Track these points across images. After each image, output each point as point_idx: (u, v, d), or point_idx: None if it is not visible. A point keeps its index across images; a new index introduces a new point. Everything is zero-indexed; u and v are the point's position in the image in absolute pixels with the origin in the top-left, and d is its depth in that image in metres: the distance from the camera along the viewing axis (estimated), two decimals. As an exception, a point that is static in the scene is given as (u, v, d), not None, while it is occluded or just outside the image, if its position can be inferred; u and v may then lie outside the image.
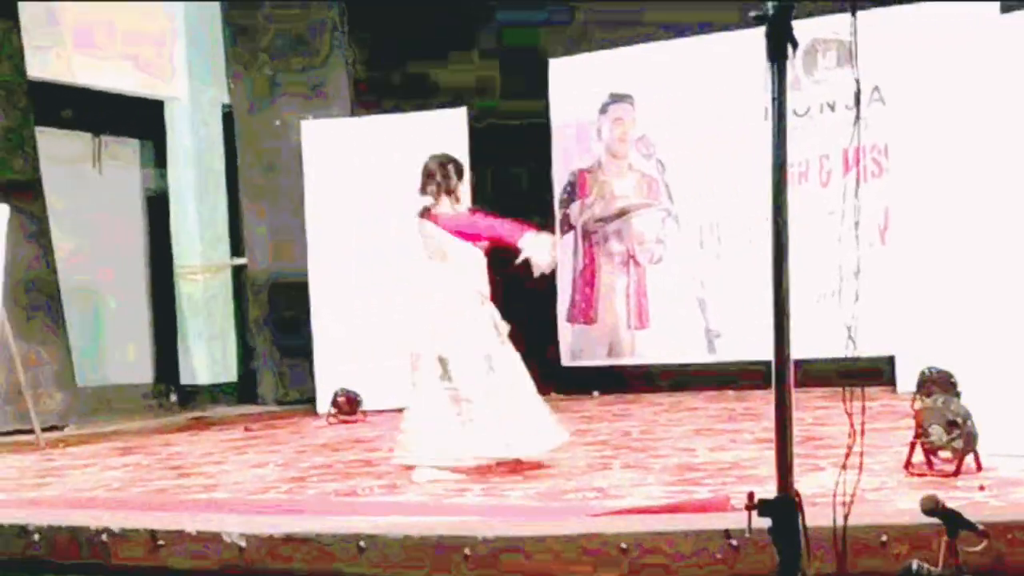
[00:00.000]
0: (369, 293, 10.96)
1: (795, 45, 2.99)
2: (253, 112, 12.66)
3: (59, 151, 12.26)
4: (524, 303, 11.53)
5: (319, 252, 11.09)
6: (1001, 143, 6.26)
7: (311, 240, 11.18)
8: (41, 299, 10.64)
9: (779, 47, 2.98)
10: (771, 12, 2.96)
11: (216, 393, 13.06)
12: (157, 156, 13.73)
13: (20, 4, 10.89)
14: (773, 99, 2.98)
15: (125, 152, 13.83)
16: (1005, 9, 8.69)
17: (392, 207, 10.97)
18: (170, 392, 13.17)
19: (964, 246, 6.30)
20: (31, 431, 9.29)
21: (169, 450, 8.73)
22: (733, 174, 10.77)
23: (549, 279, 11.87)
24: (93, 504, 6.09)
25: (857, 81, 3.18)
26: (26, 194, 10.57)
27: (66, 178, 12.31)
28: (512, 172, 11.84)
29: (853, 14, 3.27)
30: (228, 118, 13.25)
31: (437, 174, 6.84)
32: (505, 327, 6.75)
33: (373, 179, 11.11)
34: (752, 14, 2.99)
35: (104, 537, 4.96)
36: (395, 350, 10.76)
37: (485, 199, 11.15)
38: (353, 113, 12.17)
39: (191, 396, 13.01)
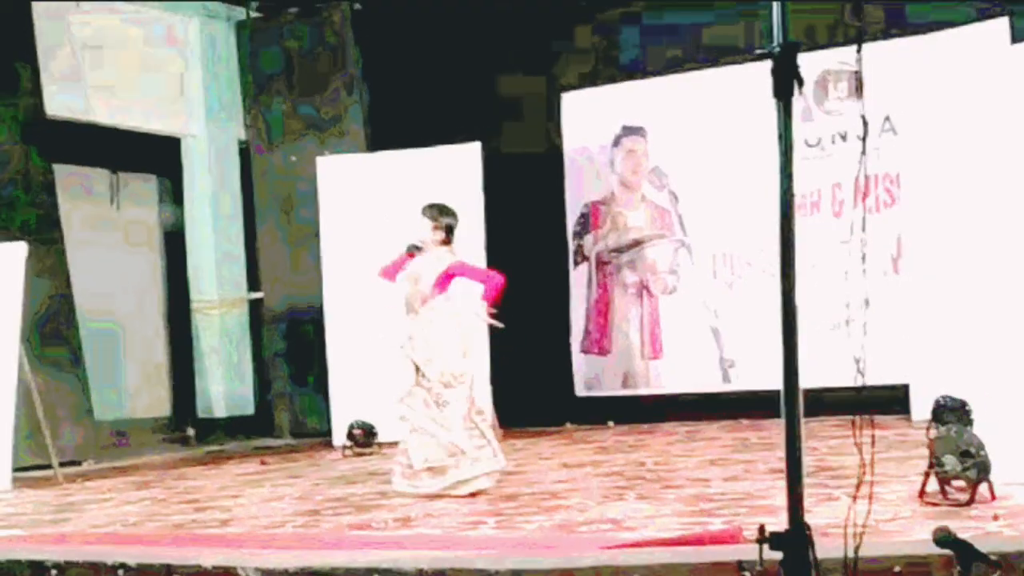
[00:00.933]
0: (384, 327, 10.98)
1: (801, 83, 3.02)
2: (269, 148, 12.74)
3: (77, 188, 12.36)
4: (538, 334, 11.63)
5: (335, 286, 11.12)
6: (1013, 171, 6.27)
7: (327, 274, 11.22)
8: (59, 334, 10.69)
9: (785, 84, 3.00)
10: (777, 50, 2.99)
11: (232, 427, 13.09)
12: (174, 192, 13.83)
13: (38, 42, 10.98)
14: (779, 135, 3.00)
15: (143, 189, 13.94)
16: (1015, 39, 8.76)
17: (407, 241, 11.03)
18: (187, 426, 13.20)
19: (977, 275, 6.31)
20: (49, 466, 9.32)
21: (186, 484, 8.75)
22: (745, 205, 10.80)
23: (563, 310, 11.94)
24: (110, 539, 6.11)
25: (864, 117, 3.20)
26: (45, 231, 10.65)
27: (84, 215, 12.41)
28: (525, 205, 11.88)
29: (859, 48, 3.30)
30: (244, 154, 13.34)
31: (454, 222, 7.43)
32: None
33: (388, 214, 11.14)
34: (757, 52, 3.02)
35: (121, 572, 4.97)
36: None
37: (499, 232, 11.26)
38: (368, 148, 12.24)
39: (208, 430, 13.04)
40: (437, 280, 7.29)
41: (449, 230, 7.46)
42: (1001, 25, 9.17)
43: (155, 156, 13.44)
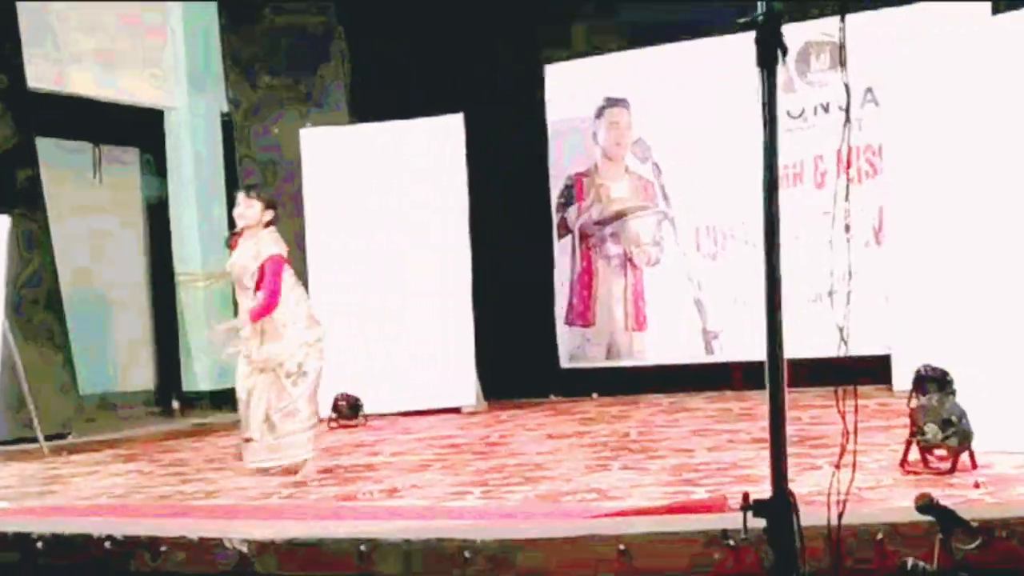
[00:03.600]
0: (369, 298, 11.00)
1: (785, 51, 3.03)
2: (252, 120, 12.70)
3: (59, 161, 12.30)
4: (522, 306, 11.66)
5: (318, 258, 11.11)
6: (994, 142, 6.30)
7: (310, 246, 11.20)
8: (43, 308, 10.67)
9: (769, 53, 3.01)
10: (760, 18, 3.00)
11: (218, 399, 13.08)
12: (157, 164, 13.79)
13: (20, 15, 10.92)
14: (763, 104, 3.02)
15: (125, 161, 13.89)
16: (996, 10, 8.77)
17: (391, 213, 11.05)
18: (172, 399, 13.21)
19: (958, 245, 6.35)
20: (35, 439, 9.33)
21: (171, 456, 8.77)
22: (728, 176, 10.81)
23: (547, 282, 11.96)
24: (96, 511, 6.13)
25: (847, 85, 3.22)
26: (27, 204, 10.60)
27: (67, 188, 12.37)
28: (509, 176, 11.89)
29: (842, 18, 3.32)
30: (227, 126, 13.30)
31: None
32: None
33: (372, 186, 11.15)
34: (740, 20, 3.03)
35: (107, 544, 4.99)
36: (394, 354, 10.91)
37: (483, 204, 11.26)
38: (351, 120, 12.21)
39: (193, 403, 13.04)
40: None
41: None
42: (982, -7, 9.19)
43: (138, 128, 13.40)
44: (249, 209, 7.07)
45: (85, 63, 12.02)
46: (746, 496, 2.99)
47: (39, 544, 5.15)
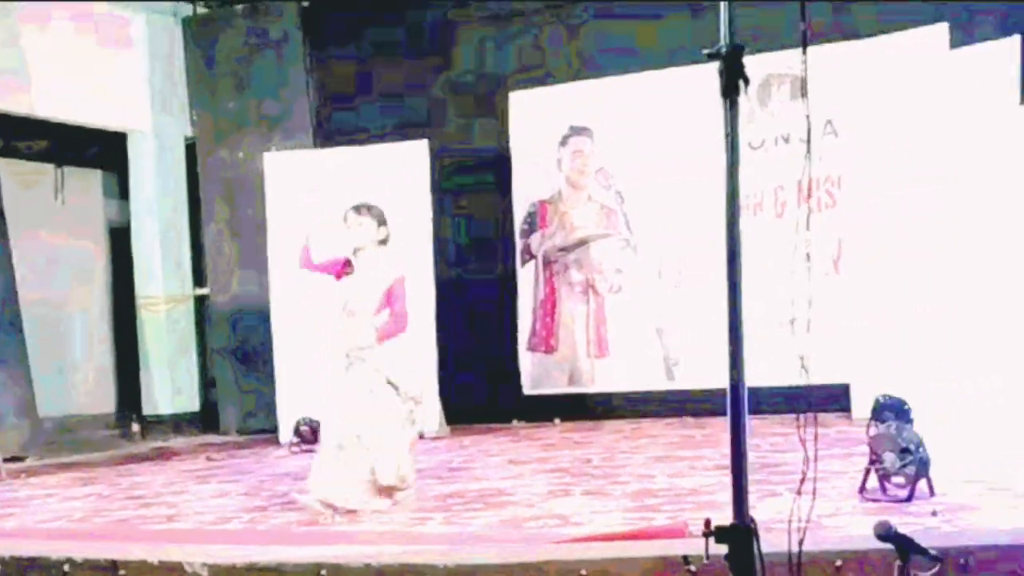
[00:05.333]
0: (331, 323, 10.96)
1: (747, 82, 3.09)
2: (216, 143, 12.70)
3: (21, 182, 12.25)
4: (485, 333, 11.67)
5: (281, 283, 11.10)
6: (951, 174, 6.40)
7: (272, 271, 11.19)
8: (3, 329, 10.61)
9: (731, 84, 3.07)
10: (724, 50, 3.06)
11: (178, 423, 13.04)
12: (120, 187, 13.75)
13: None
14: (726, 134, 3.07)
15: (88, 183, 13.84)
16: (954, 43, 8.90)
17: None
18: (132, 422, 13.14)
19: (916, 274, 6.43)
20: (-8, 461, 9.27)
21: (131, 480, 8.72)
22: (691, 205, 10.89)
23: (510, 309, 11.98)
24: (55, 534, 6.10)
25: (808, 118, 3.28)
26: (-12, 225, 10.58)
27: (29, 209, 12.31)
28: (473, 203, 11.93)
29: (804, 50, 3.38)
30: (191, 150, 13.28)
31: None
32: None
33: (335, 211, 11.12)
34: (705, 52, 3.09)
35: (66, 567, 4.98)
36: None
37: (446, 229, 11.28)
38: (315, 145, 12.24)
39: (153, 426, 12.97)
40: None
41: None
42: (940, 30, 9.31)
43: (101, 151, 13.37)
44: (360, 228, 6.75)
45: (48, 85, 11.98)
46: (708, 522, 3.02)
47: (-3, 567, 5.13)
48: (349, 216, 6.79)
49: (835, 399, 9.43)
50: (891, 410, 5.79)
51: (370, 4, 12.50)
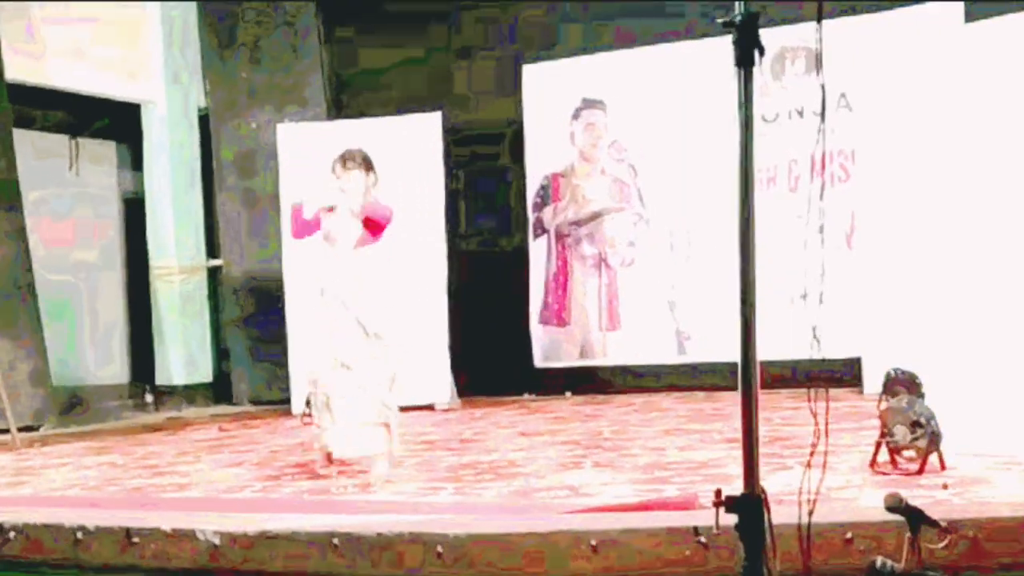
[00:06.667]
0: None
1: (762, 52, 3.08)
2: (229, 115, 12.70)
3: (36, 152, 12.28)
4: (497, 305, 11.69)
5: (294, 254, 11.10)
6: (965, 148, 6.37)
7: (286, 242, 11.19)
8: (17, 299, 10.66)
9: (746, 54, 3.06)
10: (739, 19, 3.05)
11: (191, 393, 13.11)
12: (134, 158, 13.77)
13: (-2, 9, 10.93)
14: (740, 105, 3.06)
15: (102, 154, 13.86)
16: (969, 15, 8.85)
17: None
18: (145, 392, 13.19)
19: (929, 249, 6.41)
20: (6, 430, 9.30)
21: (144, 450, 8.76)
22: (704, 178, 10.88)
23: (522, 282, 11.98)
24: (68, 502, 6.13)
25: (823, 88, 3.27)
26: (3, 195, 10.60)
27: (43, 179, 12.34)
28: (485, 175, 11.93)
29: (819, 21, 3.37)
30: (204, 121, 13.29)
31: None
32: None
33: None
34: (720, 21, 3.08)
35: (79, 535, 5.00)
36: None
37: (459, 202, 11.28)
38: (329, 116, 12.23)
39: (166, 396, 13.04)
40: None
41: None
42: (955, 5, 9.26)
43: (115, 122, 13.38)
44: (351, 183, 6.71)
45: (62, 57, 11.99)
46: (718, 492, 3.03)
47: (11, 534, 5.16)
48: (336, 168, 6.74)
49: (846, 373, 9.43)
50: (902, 384, 5.78)
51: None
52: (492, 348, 11.53)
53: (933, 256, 6.35)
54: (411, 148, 10.89)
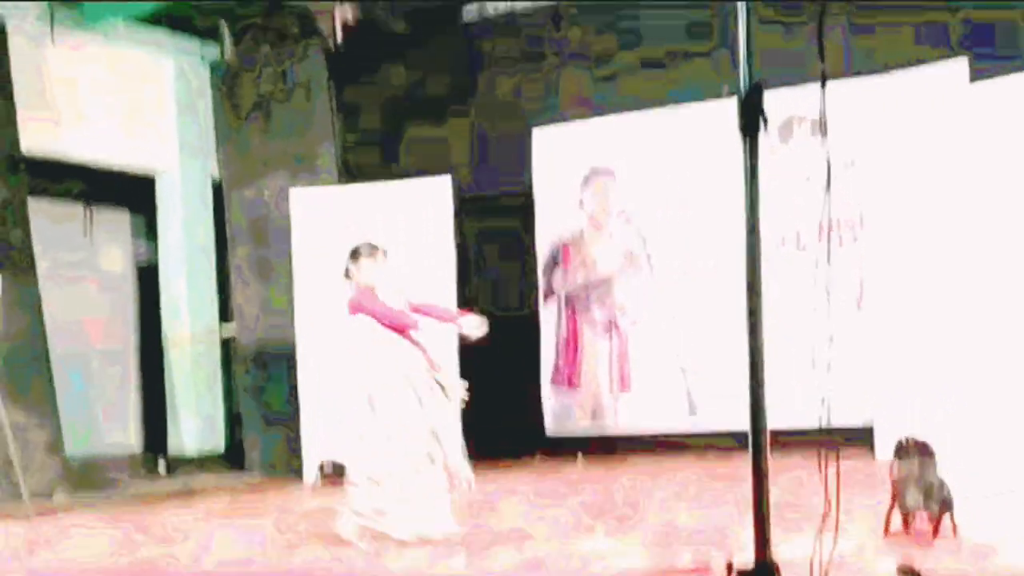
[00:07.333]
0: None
1: (767, 120, 3.11)
2: (242, 184, 12.78)
3: (51, 222, 12.36)
4: (509, 369, 11.67)
5: (307, 322, 11.14)
6: (973, 209, 6.39)
7: (299, 310, 11.23)
8: (31, 368, 10.67)
9: (752, 122, 3.10)
10: (743, 89, 3.09)
11: (204, 462, 13.07)
12: (148, 227, 13.85)
13: (14, 78, 11.02)
14: (745, 171, 3.09)
15: (116, 223, 13.95)
16: (973, 77, 8.88)
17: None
18: (158, 461, 13.17)
19: (939, 314, 6.42)
20: (20, 500, 9.29)
21: (157, 519, 8.74)
22: (712, 244, 10.89)
23: (533, 345, 11.98)
24: (82, 574, 6.12)
25: (828, 154, 3.30)
26: (18, 264, 10.65)
27: (58, 249, 12.42)
28: (496, 240, 11.97)
29: (823, 85, 3.41)
30: (218, 190, 13.37)
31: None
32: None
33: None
34: (727, 89, 3.13)
35: (94, 607, 5.00)
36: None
37: (469, 266, 11.30)
38: (340, 182, 12.30)
39: (179, 465, 13.01)
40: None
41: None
42: (960, 65, 9.29)
43: (129, 191, 13.48)
44: (383, 266, 7.27)
45: (79, 127, 12.11)
46: (730, 565, 3.03)
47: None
48: (369, 254, 7.25)
49: (858, 436, 9.38)
50: (915, 450, 5.77)
51: (394, 45, 12.60)
52: (504, 411, 11.49)
53: (944, 319, 6.35)
54: (422, 212, 10.94)
